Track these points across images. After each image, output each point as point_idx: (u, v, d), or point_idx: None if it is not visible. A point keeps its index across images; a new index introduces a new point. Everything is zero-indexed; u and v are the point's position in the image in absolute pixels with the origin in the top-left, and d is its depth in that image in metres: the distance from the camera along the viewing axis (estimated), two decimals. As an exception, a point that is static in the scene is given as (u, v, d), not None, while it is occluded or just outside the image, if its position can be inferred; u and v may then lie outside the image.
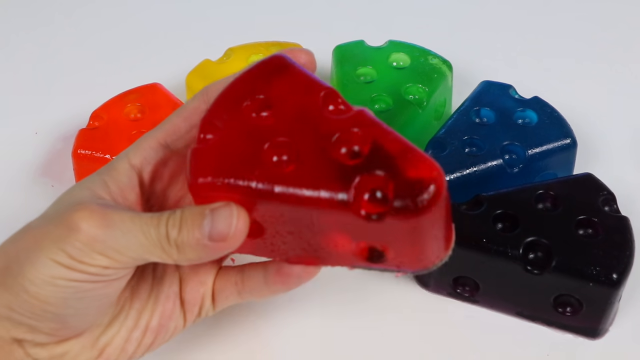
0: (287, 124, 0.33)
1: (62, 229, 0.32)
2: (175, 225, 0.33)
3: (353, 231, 0.32)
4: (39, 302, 0.32)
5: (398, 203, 0.30)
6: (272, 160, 0.32)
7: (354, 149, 0.32)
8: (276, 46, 0.56)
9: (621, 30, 0.67)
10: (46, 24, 0.68)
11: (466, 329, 0.44)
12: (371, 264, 0.34)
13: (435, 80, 0.52)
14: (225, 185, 0.32)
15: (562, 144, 0.48)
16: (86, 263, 0.32)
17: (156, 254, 0.33)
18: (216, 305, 0.39)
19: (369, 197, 0.31)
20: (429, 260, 0.34)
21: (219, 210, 0.32)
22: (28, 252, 0.32)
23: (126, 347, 0.36)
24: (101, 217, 0.32)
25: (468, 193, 0.45)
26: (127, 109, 0.52)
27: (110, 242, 0.32)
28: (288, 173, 0.32)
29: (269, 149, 0.32)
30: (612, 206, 0.44)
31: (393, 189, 0.30)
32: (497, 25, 0.68)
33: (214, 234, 0.32)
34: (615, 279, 0.40)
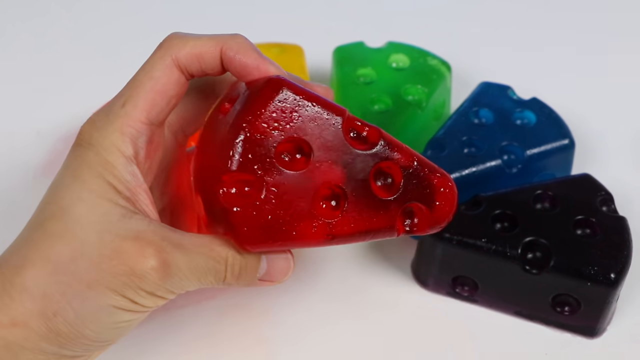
0: (322, 163, 0.33)
1: (121, 277, 0.31)
2: (235, 273, 0.34)
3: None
4: (98, 342, 0.33)
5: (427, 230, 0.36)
6: (321, 205, 0.34)
7: (388, 181, 0.35)
8: (276, 47, 0.56)
9: (619, 32, 0.67)
10: (48, 25, 0.68)
11: (465, 328, 0.44)
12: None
13: (435, 81, 0.53)
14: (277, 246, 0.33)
15: (560, 145, 0.48)
16: (148, 307, 0.33)
17: (204, 287, 0.34)
18: None
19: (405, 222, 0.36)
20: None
21: (276, 259, 0.35)
22: (83, 299, 0.31)
23: None
24: (162, 266, 0.32)
25: (467, 193, 0.45)
26: (128, 109, 0.52)
27: (170, 287, 0.33)
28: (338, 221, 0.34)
29: (315, 197, 0.33)
30: (610, 206, 0.44)
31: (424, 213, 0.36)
32: (496, 26, 0.68)
33: (266, 277, 0.35)
34: (613, 278, 0.41)
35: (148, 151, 0.34)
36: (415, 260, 0.47)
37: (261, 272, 0.34)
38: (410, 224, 0.36)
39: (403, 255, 0.48)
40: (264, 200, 0.32)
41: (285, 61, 0.55)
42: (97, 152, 0.33)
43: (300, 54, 0.56)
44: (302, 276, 0.47)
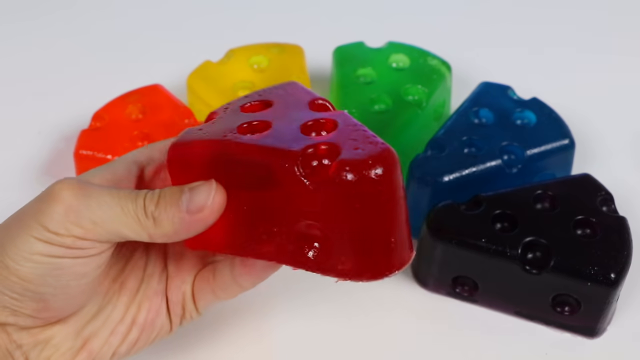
0: (270, 115, 0.35)
1: (41, 203, 0.33)
2: (154, 199, 0.33)
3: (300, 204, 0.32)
4: (19, 279, 0.33)
5: (341, 173, 0.30)
6: (242, 126, 0.34)
7: (322, 133, 0.33)
8: (276, 47, 0.56)
9: (619, 33, 0.67)
10: (49, 26, 0.68)
11: (465, 328, 0.44)
12: (308, 257, 0.33)
13: (435, 81, 0.53)
14: (193, 144, 0.34)
15: (560, 145, 0.48)
16: (62, 235, 0.32)
17: (132, 227, 0.33)
18: (198, 306, 0.39)
19: (317, 164, 0.31)
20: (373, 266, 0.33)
21: (197, 186, 0.33)
22: (10, 230, 0.33)
23: (111, 339, 0.37)
24: (79, 187, 0.33)
25: (467, 193, 0.45)
26: (129, 109, 0.52)
27: (86, 212, 0.33)
28: (246, 138, 0.33)
29: (247, 126, 0.34)
30: (610, 206, 0.44)
31: (338, 161, 0.31)
32: (496, 26, 0.68)
33: (192, 206, 0.33)
34: (613, 278, 0.41)
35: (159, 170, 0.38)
36: (415, 260, 0.47)
37: (185, 201, 0.33)
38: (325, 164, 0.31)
39: (403, 255, 0.48)
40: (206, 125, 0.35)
41: (285, 61, 0.55)
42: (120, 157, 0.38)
43: (300, 54, 0.56)
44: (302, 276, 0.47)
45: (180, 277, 0.38)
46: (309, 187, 0.31)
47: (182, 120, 0.51)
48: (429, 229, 0.43)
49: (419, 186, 0.46)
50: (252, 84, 0.53)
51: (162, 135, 0.49)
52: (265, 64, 0.55)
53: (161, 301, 0.38)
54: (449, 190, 0.46)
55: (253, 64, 0.55)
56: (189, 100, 0.55)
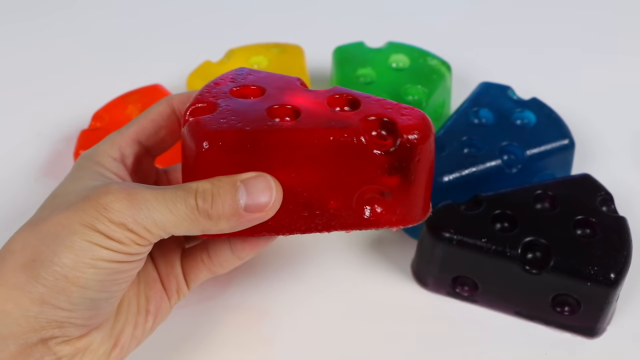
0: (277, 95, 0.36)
1: (91, 211, 0.32)
2: (207, 198, 0.33)
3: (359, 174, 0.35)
4: (79, 287, 0.32)
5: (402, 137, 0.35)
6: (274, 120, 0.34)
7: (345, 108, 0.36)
8: (276, 47, 0.56)
9: (619, 33, 0.67)
10: (49, 26, 0.68)
11: (465, 328, 0.44)
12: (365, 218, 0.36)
13: (434, 81, 0.53)
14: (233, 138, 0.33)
15: (560, 145, 0.48)
16: (122, 242, 0.32)
17: (184, 227, 0.33)
18: (189, 284, 0.40)
19: (376, 134, 0.35)
20: (416, 213, 0.37)
21: (253, 180, 0.33)
22: (59, 239, 0.32)
23: (135, 333, 0.37)
24: (127, 196, 0.33)
25: (467, 193, 0.45)
26: (129, 110, 0.53)
27: (140, 220, 0.33)
28: (292, 124, 0.34)
29: (270, 110, 0.34)
30: (610, 206, 0.44)
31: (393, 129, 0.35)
32: (495, 26, 0.68)
33: (252, 204, 0.33)
34: (613, 278, 0.41)
35: (135, 165, 0.38)
36: (415, 260, 0.47)
37: (242, 200, 0.33)
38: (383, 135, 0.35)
39: (403, 255, 0.48)
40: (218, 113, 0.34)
41: (285, 61, 0.55)
42: (91, 157, 0.37)
43: (300, 54, 0.56)
44: (302, 276, 0.47)
45: (167, 262, 0.39)
46: (376, 155, 0.34)
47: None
48: (429, 229, 0.44)
49: (419, 186, 0.46)
50: (252, 84, 0.53)
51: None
52: (265, 64, 0.55)
53: (160, 286, 0.39)
54: (448, 190, 0.46)
55: (253, 64, 0.55)
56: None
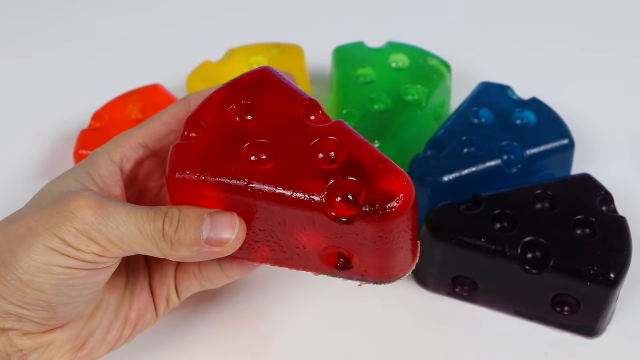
0: (268, 128, 0.34)
1: (57, 216, 0.33)
2: (173, 224, 0.34)
3: (323, 234, 0.33)
4: (32, 290, 0.33)
5: (367, 208, 0.32)
6: (250, 159, 0.33)
7: (331, 155, 0.33)
8: (277, 47, 0.56)
9: (619, 33, 0.67)
10: (48, 26, 0.68)
11: (465, 328, 0.44)
12: (338, 271, 0.36)
13: (435, 81, 0.53)
14: (202, 181, 0.33)
15: (560, 145, 0.48)
16: (81, 250, 0.33)
17: (148, 248, 0.34)
18: (180, 296, 0.40)
19: (341, 200, 0.32)
20: (393, 272, 0.35)
21: (219, 216, 0.34)
22: (22, 240, 0.33)
23: (108, 337, 0.37)
24: (98, 206, 0.33)
25: (467, 193, 0.45)
26: (129, 109, 0.52)
27: (105, 231, 0.33)
28: (265, 171, 0.33)
29: (248, 148, 0.34)
30: (610, 206, 0.44)
31: (365, 195, 0.32)
32: (495, 27, 0.68)
33: (214, 238, 0.34)
34: (613, 278, 0.41)
35: (133, 171, 0.37)
36: (415, 260, 0.47)
37: (205, 232, 0.34)
38: (350, 201, 0.32)
39: (403, 255, 0.48)
40: (200, 140, 0.34)
41: (285, 61, 0.55)
42: (92, 156, 0.37)
43: (300, 54, 0.56)
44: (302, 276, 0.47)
45: (162, 272, 0.39)
46: (337, 224, 0.33)
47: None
48: (428, 229, 0.44)
49: (419, 186, 0.46)
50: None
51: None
52: (265, 64, 0.55)
53: (148, 296, 0.39)
54: (448, 190, 0.46)
55: (253, 64, 0.55)
56: (188, 100, 0.55)
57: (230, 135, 0.34)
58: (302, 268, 0.36)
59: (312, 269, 0.36)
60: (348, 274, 0.36)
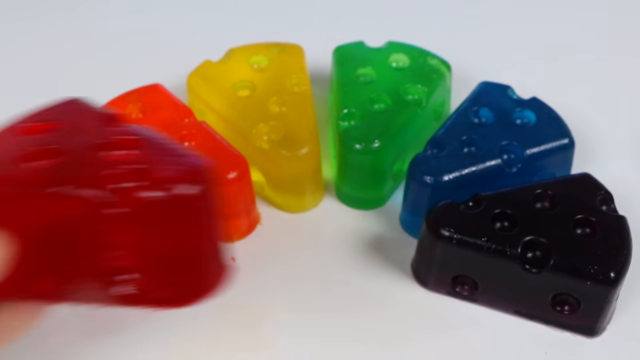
0: (59, 137, 0.31)
1: None
2: None
3: (103, 239, 0.30)
4: None
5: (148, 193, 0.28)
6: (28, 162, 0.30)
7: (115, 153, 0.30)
8: (276, 47, 0.56)
9: (619, 32, 0.67)
10: (47, 25, 0.68)
11: (465, 327, 0.44)
12: (119, 289, 0.31)
13: (435, 80, 0.53)
14: None
15: (560, 144, 0.48)
16: None
17: None
18: None
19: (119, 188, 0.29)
20: (189, 290, 0.31)
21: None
22: None
23: None
24: None
25: (467, 192, 0.45)
26: (128, 109, 0.52)
27: None
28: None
29: (33, 152, 0.31)
30: (610, 206, 0.44)
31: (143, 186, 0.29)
32: (495, 26, 0.68)
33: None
34: (613, 277, 0.41)
35: None
36: (415, 260, 0.47)
37: None
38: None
39: (403, 255, 0.48)
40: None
41: (285, 61, 0.55)
42: None
43: (300, 53, 0.56)
44: (302, 276, 0.47)
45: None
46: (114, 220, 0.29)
47: (182, 120, 0.50)
48: (428, 229, 0.44)
49: (419, 186, 0.46)
50: (252, 84, 0.53)
51: (162, 134, 0.49)
52: (265, 64, 0.55)
53: None
54: (448, 190, 0.46)
55: (253, 63, 0.55)
56: (189, 99, 0.55)
57: (17, 146, 0.31)
58: (84, 299, 0.31)
59: (96, 297, 0.31)
60: (136, 299, 0.31)
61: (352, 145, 0.48)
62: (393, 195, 0.52)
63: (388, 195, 0.52)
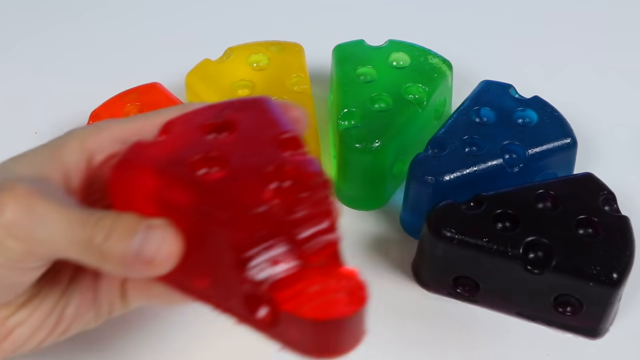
0: (233, 147, 0.32)
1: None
2: (104, 231, 0.30)
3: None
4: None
5: None
6: (199, 169, 0.31)
7: (284, 184, 0.30)
8: (276, 46, 0.56)
9: (621, 30, 0.67)
10: (46, 24, 0.68)
11: (466, 329, 0.44)
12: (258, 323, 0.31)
13: (435, 79, 0.52)
14: (143, 174, 0.31)
15: (562, 144, 0.48)
16: (2, 246, 0.30)
17: (76, 253, 0.31)
18: (127, 304, 0.37)
19: None
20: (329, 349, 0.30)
21: (155, 229, 0.30)
22: None
23: (37, 332, 0.34)
24: (26, 202, 0.30)
25: (468, 192, 0.45)
26: (127, 108, 0.52)
27: (30, 230, 0.30)
28: (208, 177, 0.30)
29: (201, 158, 0.31)
30: (612, 206, 0.44)
31: None
32: (497, 24, 0.68)
33: (143, 254, 0.30)
34: (616, 278, 0.40)
35: (107, 162, 0.34)
36: (415, 260, 0.47)
37: (136, 243, 0.30)
38: None
39: (403, 255, 0.47)
40: (161, 142, 0.32)
41: (285, 59, 0.55)
42: (67, 134, 0.35)
43: (300, 52, 0.56)
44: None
45: (110, 277, 0.36)
46: None
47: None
48: (429, 229, 0.43)
49: (420, 185, 0.46)
50: (251, 83, 0.53)
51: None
52: (265, 63, 0.55)
53: (92, 297, 0.36)
54: (449, 190, 0.45)
55: (252, 62, 0.55)
56: (187, 98, 0.55)
57: (192, 145, 0.32)
58: (225, 308, 0.32)
59: (235, 311, 0.32)
60: (268, 333, 0.31)
61: (352, 145, 0.48)
62: (393, 195, 0.52)
63: (388, 195, 0.52)
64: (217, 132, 0.33)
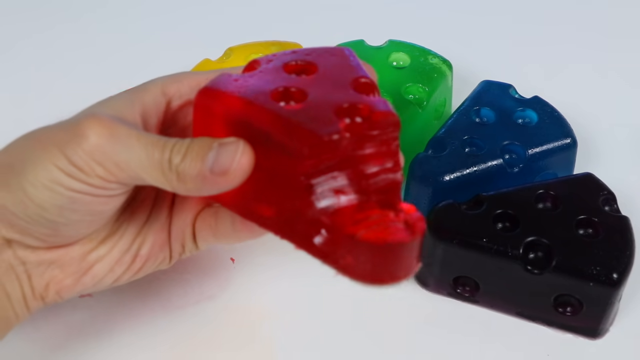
0: (312, 85, 0.33)
1: (68, 134, 0.33)
2: (180, 152, 0.32)
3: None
4: (35, 205, 0.32)
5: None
6: (279, 100, 0.32)
7: (356, 120, 0.32)
8: (276, 46, 0.56)
9: (621, 30, 0.67)
10: (47, 24, 0.68)
11: (466, 329, 0.44)
12: (313, 242, 0.32)
13: (435, 79, 0.52)
14: (226, 97, 0.32)
15: (562, 144, 0.48)
16: (85, 172, 0.32)
17: (155, 176, 0.33)
18: (198, 244, 0.39)
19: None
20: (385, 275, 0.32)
21: (227, 145, 0.32)
22: (32, 153, 0.33)
23: (115, 268, 0.37)
24: (108, 127, 0.32)
25: (468, 193, 0.45)
26: (127, 108, 0.52)
27: (112, 154, 0.32)
28: (286, 108, 0.32)
29: (283, 90, 0.33)
30: (613, 206, 0.44)
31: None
32: (497, 24, 0.68)
33: (216, 167, 0.32)
34: (616, 278, 0.40)
35: (185, 108, 0.37)
36: (415, 260, 0.47)
37: (210, 160, 0.32)
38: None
39: (404, 255, 0.47)
40: (246, 76, 0.34)
41: (285, 60, 0.55)
42: (147, 82, 0.37)
43: (300, 52, 0.56)
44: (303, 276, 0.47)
45: (182, 216, 0.39)
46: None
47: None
48: (429, 229, 0.43)
49: (420, 186, 0.46)
50: (251, 83, 0.53)
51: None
52: (265, 63, 0.55)
53: (165, 237, 0.38)
54: (449, 190, 0.45)
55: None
56: (187, 99, 0.55)
57: (275, 80, 0.33)
58: (294, 234, 0.33)
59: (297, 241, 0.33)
60: (325, 258, 0.32)
61: (352, 145, 0.48)
62: (393, 195, 0.52)
63: (388, 195, 0.52)
64: (297, 73, 0.34)
